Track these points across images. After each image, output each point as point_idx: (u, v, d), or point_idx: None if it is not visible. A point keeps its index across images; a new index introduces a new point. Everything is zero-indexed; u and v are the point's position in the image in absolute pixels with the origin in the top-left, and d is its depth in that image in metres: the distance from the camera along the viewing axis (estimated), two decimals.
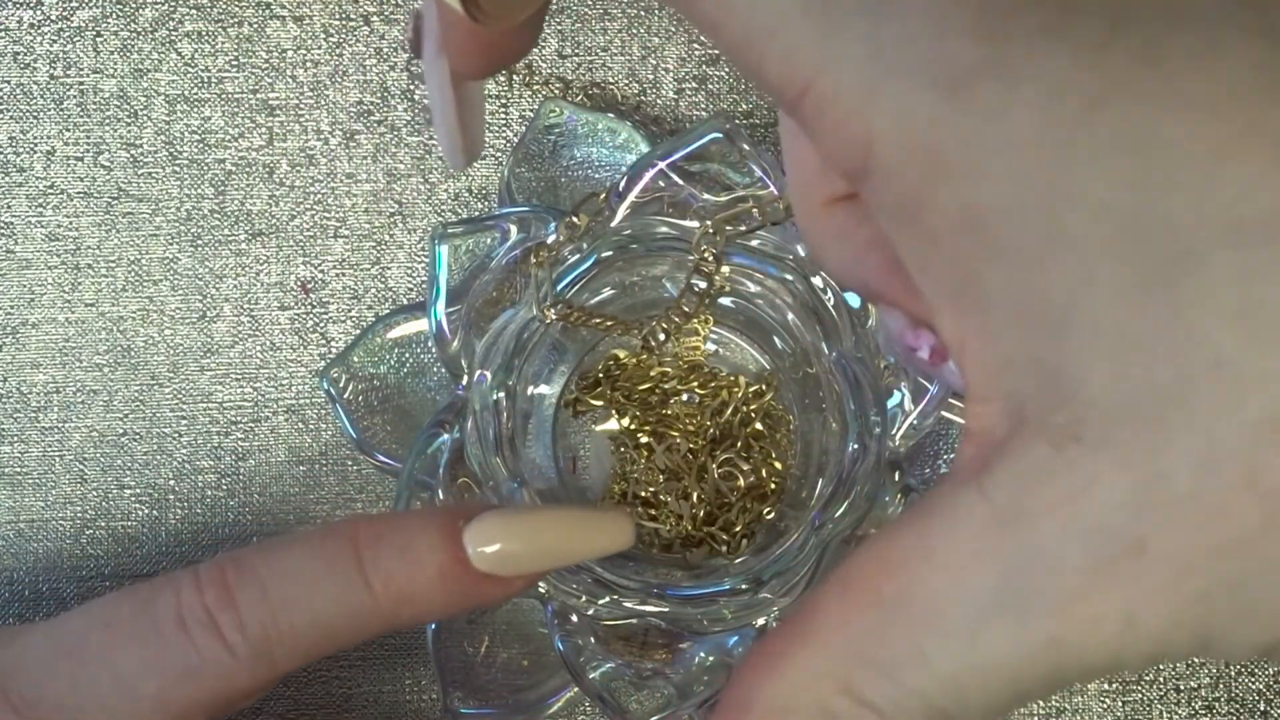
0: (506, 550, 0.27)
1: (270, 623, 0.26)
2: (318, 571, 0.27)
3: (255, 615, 0.26)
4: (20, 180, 0.41)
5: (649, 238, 0.36)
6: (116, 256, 0.40)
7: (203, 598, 0.27)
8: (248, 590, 0.27)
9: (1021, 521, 0.19)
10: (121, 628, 0.27)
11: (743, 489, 0.38)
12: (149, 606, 0.27)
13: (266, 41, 0.41)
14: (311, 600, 0.26)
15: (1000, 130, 0.19)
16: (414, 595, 0.27)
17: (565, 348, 0.38)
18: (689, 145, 0.35)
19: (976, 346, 0.20)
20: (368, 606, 0.27)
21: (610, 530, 0.28)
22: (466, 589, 0.27)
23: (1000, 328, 0.19)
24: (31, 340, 0.40)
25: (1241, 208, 0.18)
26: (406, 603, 0.27)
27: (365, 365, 0.38)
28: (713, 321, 0.39)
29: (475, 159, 0.29)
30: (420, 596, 0.27)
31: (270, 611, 0.26)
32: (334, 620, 0.27)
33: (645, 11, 0.41)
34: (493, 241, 0.36)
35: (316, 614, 0.27)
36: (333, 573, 0.27)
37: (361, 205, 0.41)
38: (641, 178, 0.35)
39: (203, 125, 0.41)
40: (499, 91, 0.41)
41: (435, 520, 0.27)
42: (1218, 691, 0.39)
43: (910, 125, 0.19)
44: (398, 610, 0.27)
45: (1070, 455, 0.19)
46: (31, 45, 0.41)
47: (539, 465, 0.38)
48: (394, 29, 0.41)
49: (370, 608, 0.27)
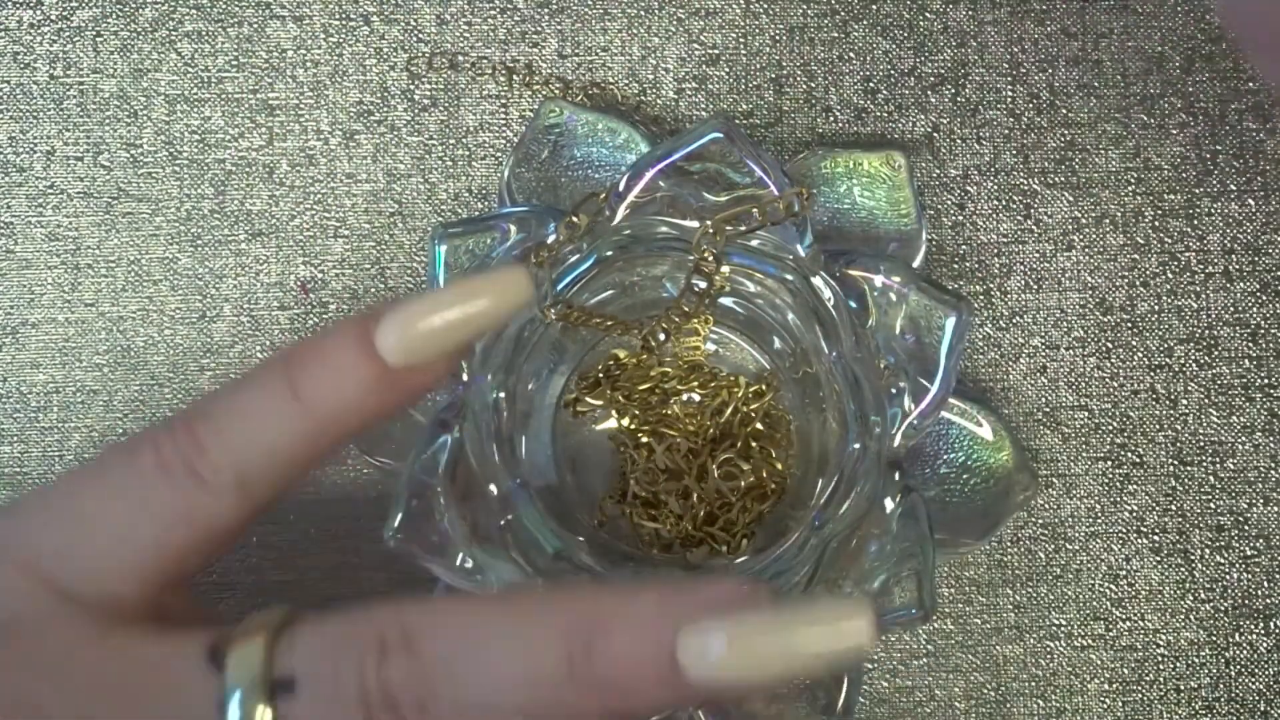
0: (413, 335, 0.27)
1: (236, 458, 0.27)
2: (260, 400, 0.28)
3: (223, 454, 0.27)
4: (20, 180, 0.41)
5: (649, 238, 0.36)
6: (116, 256, 0.40)
7: (178, 447, 0.28)
8: (211, 432, 0.28)
9: None
10: (110, 484, 0.28)
11: (743, 489, 0.38)
12: (132, 462, 0.28)
13: (266, 41, 0.41)
14: (260, 429, 0.27)
15: None
16: (344, 403, 0.27)
17: (565, 348, 0.38)
18: (689, 145, 0.35)
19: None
20: (307, 423, 0.27)
21: (507, 286, 0.28)
22: (390, 384, 0.28)
23: None
24: (31, 340, 0.40)
25: None
26: (340, 411, 0.28)
27: None
28: (713, 321, 0.39)
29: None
30: (350, 402, 0.28)
31: (232, 447, 0.27)
32: (282, 442, 0.28)
33: (645, 11, 0.41)
34: (492, 241, 0.36)
35: (268, 440, 0.27)
36: (271, 398, 0.28)
37: (361, 205, 0.41)
38: (641, 178, 0.35)
39: (203, 125, 0.41)
40: (499, 91, 0.41)
41: (348, 328, 0.28)
42: (1218, 691, 0.39)
43: None
44: (336, 420, 0.28)
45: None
46: (31, 45, 0.41)
47: (539, 465, 0.38)
48: (394, 29, 0.41)
49: (310, 423, 0.27)
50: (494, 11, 0.41)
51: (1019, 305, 0.40)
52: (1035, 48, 0.41)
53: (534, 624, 0.26)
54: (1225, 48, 0.41)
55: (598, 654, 0.25)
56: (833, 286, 0.35)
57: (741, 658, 0.24)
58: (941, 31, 0.41)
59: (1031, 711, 0.39)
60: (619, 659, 0.25)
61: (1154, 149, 0.41)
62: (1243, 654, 0.39)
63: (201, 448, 0.28)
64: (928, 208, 0.40)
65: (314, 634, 0.27)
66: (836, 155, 0.39)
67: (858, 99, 0.41)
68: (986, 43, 0.41)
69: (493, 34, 0.41)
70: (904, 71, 0.41)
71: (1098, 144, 0.41)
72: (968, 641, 0.40)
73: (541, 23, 0.41)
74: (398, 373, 0.28)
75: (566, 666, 0.25)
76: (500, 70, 0.41)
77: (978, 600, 0.40)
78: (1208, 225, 0.41)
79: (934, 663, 0.40)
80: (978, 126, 0.41)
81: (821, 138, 0.41)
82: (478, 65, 0.41)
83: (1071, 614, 0.40)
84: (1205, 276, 0.40)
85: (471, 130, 0.41)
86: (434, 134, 0.41)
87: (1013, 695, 0.39)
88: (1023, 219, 0.41)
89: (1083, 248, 0.41)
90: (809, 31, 0.41)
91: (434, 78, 0.41)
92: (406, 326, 0.27)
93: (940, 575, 0.40)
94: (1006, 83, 0.41)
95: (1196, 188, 0.41)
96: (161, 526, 0.28)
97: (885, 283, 0.36)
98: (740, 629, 0.24)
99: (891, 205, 0.38)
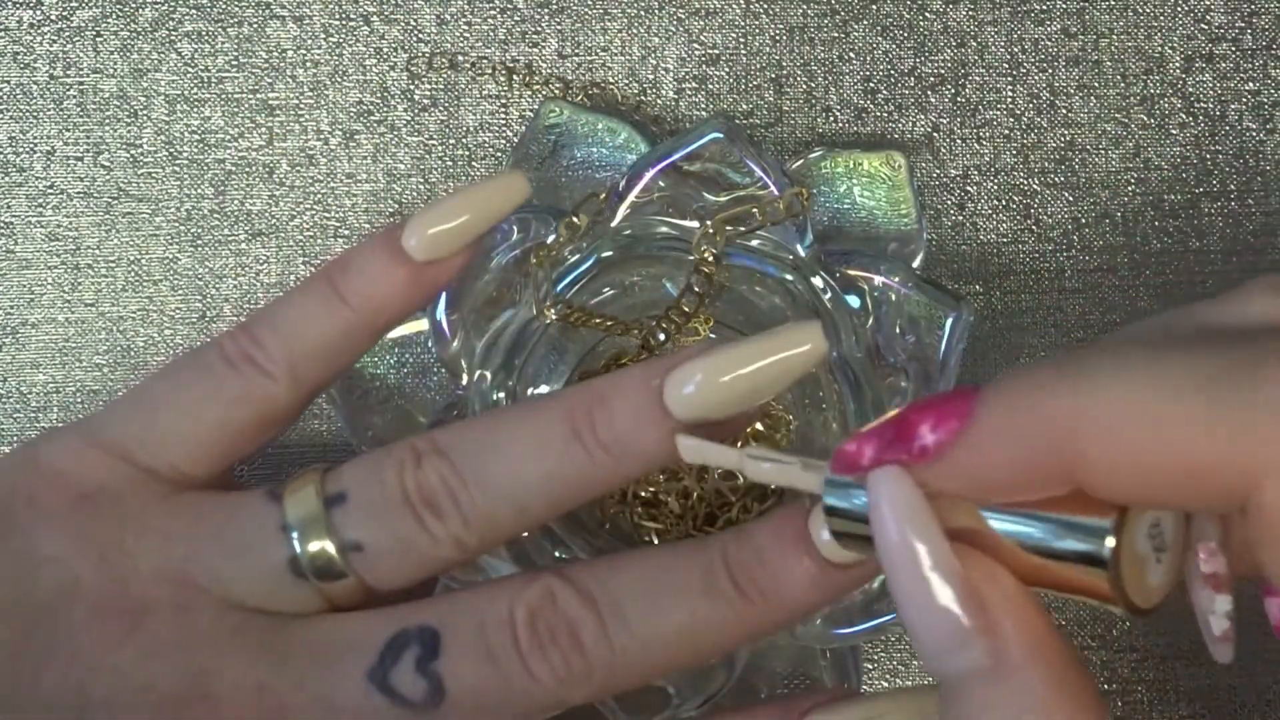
0: (433, 234, 0.32)
1: (290, 350, 0.32)
2: (309, 303, 0.32)
3: (278, 347, 0.32)
4: (20, 180, 0.41)
5: (649, 238, 0.36)
6: (116, 256, 0.40)
7: (238, 344, 0.32)
8: (267, 331, 0.32)
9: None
10: (180, 377, 0.33)
11: (742, 489, 0.38)
12: (199, 360, 0.32)
13: (266, 41, 0.41)
14: (310, 326, 0.32)
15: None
16: (382, 298, 0.32)
17: (565, 348, 0.38)
18: (689, 145, 0.35)
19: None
20: (351, 318, 0.32)
21: (506, 186, 0.33)
22: (419, 278, 0.32)
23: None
24: (31, 340, 0.40)
25: None
26: (379, 306, 0.32)
27: (365, 365, 0.38)
28: (713, 321, 0.39)
29: None
30: (386, 298, 0.32)
31: (286, 341, 0.32)
32: (329, 336, 0.32)
33: (645, 11, 0.41)
34: (492, 242, 0.36)
35: (316, 335, 0.32)
36: (319, 300, 0.32)
37: (361, 205, 0.41)
38: (641, 178, 0.35)
39: (203, 125, 0.41)
40: (499, 92, 0.41)
41: (380, 238, 0.33)
42: (1218, 691, 0.39)
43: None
44: (376, 314, 0.32)
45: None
46: (31, 45, 0.41)
47: None
48: (394, 29, 0.41)
49: (353, 318, 0.32)
50: (494, 11, 0.41)
51: (1019, 305, 0.40)
52: (1035, 48, 0.41)
53: (541, 413, 0.30)
54: (1225, 48, 0.41)
55: (599, 421, 0.30)
56: (833, 286, 0.35)
57: (716, 384, 0.29)
58: (941, 31, 0.41)
59: None
60: (617, 418, 0.29)
61: (1154, 149, 0.41)
62: (1243, 655, 0.39)
63: (259, 343, 0.32)
64: (928, 208, 0.40)
65: (357, 461, 0.31)
66: (836, 155, 0.39)
67: (858, 99, 0.41)
68: (986, 43, 0.41)
69: (493, 34, 0.41)
70: (904, 71, 0.41)
71: (1098, 144, 0.41)
72: None
73: (541, 23, 0.41)
74: (424, 268, 0.32)
75: (574, 437, 0.30)
76: (500, 70, 0.41)
77: None
78: (1208, 225, 0.41)
79: None
80: (978, 126, 0.41)
81: (821, 138, 0.41)
82: (478, 65, 0.41)
83: (1071, 614, 0.40)
84: (1205, 276, 0.40)
85: (471, 130, 0.41)
86: (434, 134, 0.41)
87: None
88: (1023, 219, 0.41)
89: (1082, 248, 0.41)
90: (809, 31, 0.41)
91: (434, 78, 0.41)
92: (427, 228, 0.32)
93: None
94: (1006, 83, 0.41)
95: (1196, 188, 0.41)
96: (224, 407, 0.32)
97: (885, 283, 0.36)
98: (710, 361, 0.29)
99: (891, 205, 0.38)
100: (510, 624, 0.29)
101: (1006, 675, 0.23)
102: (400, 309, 0.33)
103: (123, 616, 0.30)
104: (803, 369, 0.29)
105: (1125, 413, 0.22)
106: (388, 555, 0.30)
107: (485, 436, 0.30)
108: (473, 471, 0.30)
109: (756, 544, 0.29)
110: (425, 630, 0.30)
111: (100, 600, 0.30)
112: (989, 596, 0.24)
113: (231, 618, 0.31)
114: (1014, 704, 0.23)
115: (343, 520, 0.30)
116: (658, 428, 0.29)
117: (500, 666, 0.29)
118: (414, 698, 0.30)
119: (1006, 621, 0.24)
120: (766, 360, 0.29)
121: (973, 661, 0.23)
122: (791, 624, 0.32)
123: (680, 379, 0.29)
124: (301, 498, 0.31)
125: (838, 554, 0.29)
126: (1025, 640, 0.24)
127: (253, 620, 0.31)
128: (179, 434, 0.32)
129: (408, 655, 0.30)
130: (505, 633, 0.29)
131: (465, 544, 0.30)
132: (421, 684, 0.29)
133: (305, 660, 0.30)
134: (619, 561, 0.31)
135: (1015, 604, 0.24)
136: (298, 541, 0.30)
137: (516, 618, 0.29)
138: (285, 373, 0.32)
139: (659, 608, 0.29)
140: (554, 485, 0.30)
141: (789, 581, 0.29)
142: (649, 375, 0.30)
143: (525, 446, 0.30)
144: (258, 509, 0.31)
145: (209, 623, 0.30)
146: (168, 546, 0.31)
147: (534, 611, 0.29)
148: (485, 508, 0.30)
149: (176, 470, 0.32)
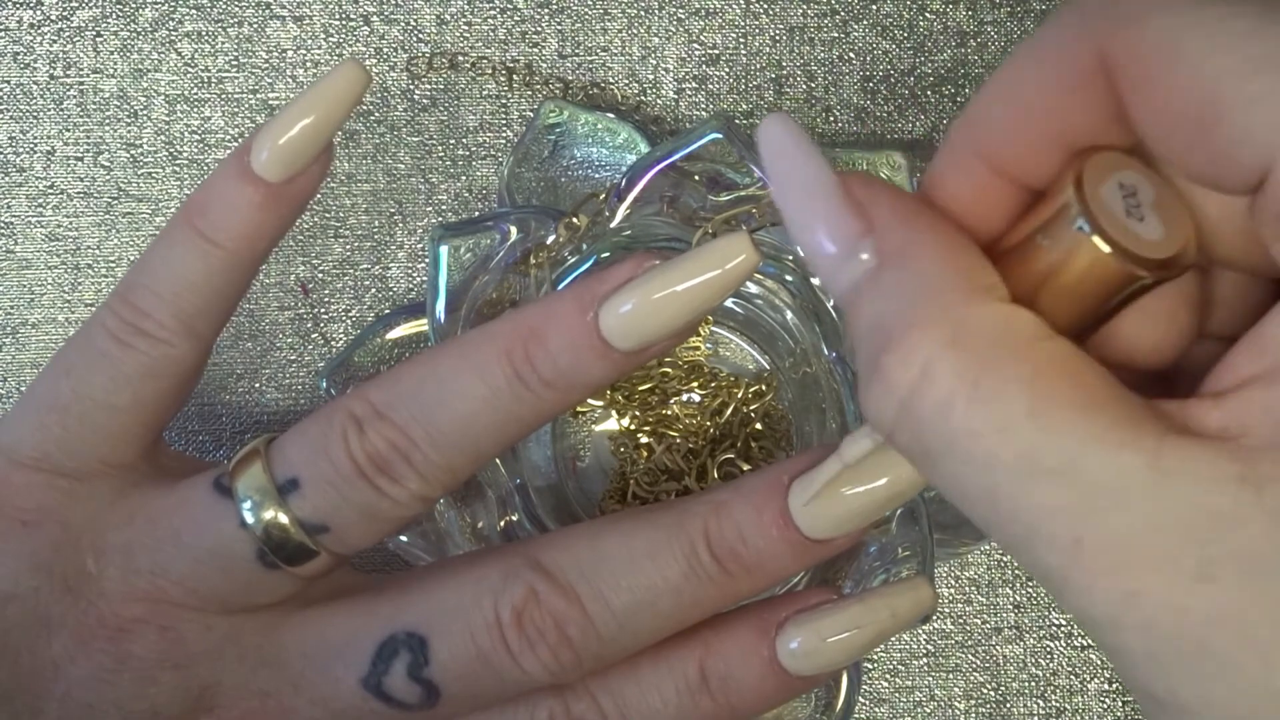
0: (281, 148, 0.30)
1: (175, 308, 0.31)
2: (176, 253, 0.31)
3: (164, 311, 0.31)
4: (20, 180, 0.41)
5: (649, 238, 0.36)
6: (116, 256, 0.40)
7: (122, 318, 0.31)
8: (145, 296, 0.31)
9: None
10: (78, 369, 0.31)
11: None
12: (88, 344, 0.31)
13: (266, 41, 0.41)
14: (186, 276, 0.31)
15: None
16: (246, 227, 0.31)
17: None
18: (689, 145, 0.35)
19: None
20: (225, 258, 0.31)
21: (343, 79, 0.30)
22: (278, 198, 0.31)
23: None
24: (31, 340, 0.40)
25: None
26: (246, 236, 0.31)
27: (365, 365, 0.38)
28: (713, 321, 0.39)
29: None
30: (250, 226, 0.31)
31: (167, 300, 0.31)
32: (208, 280, 0.31)
33: (645, 11, 0.41)
34: (492, 242, 0.36)
35: (195, 283, 0.31)
36: (185, 248, 0.31)
37: (361, 205, 0.41)
38: (641, 178, 0.35)
39: (203, 125, 0.41)
40: (499, 92, 0.41)
41: (227, 163, 0.31)
42: None
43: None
44: (246, 244, 0.31)
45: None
46: (31, 45, 0.41)
47: (539, 465, 0.38)
48: (394, 29, 0.41)
49: (226, 256, 0.31)
50: (494, 11, 0.41)
51: None
52: None
53: (476, 355, 0.29)
54: None
55: (539, 360, 0.29)
56: None
57: (651, 307, 0.28)
58: (941, 31, 0.41)
59: (1031, 711, 0.39)
60: (558, 355, 0.29)
61: None
62: None
63: (144, 312, 0.31)
64: None
65: (297, 439, 0.30)
66: (836, 155, 0.39)
67: (858, 99, 0.41)
68: (986, 43, 0.41)
69: (493, 34, 0.41)
70: (904, 71, 0.41)
71: None
72: (968, 641, 0.40)
73: (541, 23, 0.41)
74: (281, 186, 0.31)
75: (516, 379, 0.29)
76: (500, 70, 0.41)
77: (977, 600, 0.40)
78: None
79: (934, 663, 0.40)
80: None
81: (821, 138, 0.41)
82: (478, 65, 0.41)
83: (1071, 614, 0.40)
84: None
85: (471, 130, 0.41)
86: (434, 134, 0.41)
87: (1012, 695, 0.39)
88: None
89: None
90: (809, 31, 0.41)
91: (434, 78, 0.41)
92: (273, 142, 0.30)
93: (940, 575, 0.40)
94: None
95: None
96: (133, 388, 0.31)
97: None
98: (641, 287, 0.28)
99: None
100: (497, 626, 0.29)
101: (890, 266, 0.22)
102: (272, 233, 0.31)
103: (106, 645, 0.30)
104: (737, 282, 0.28)
105: (1166, 48, 0.21)
106: (354, 527, 0.30)
107: (425, 389, 0.29)
108: (421, 429, 0.29)
109: (736, 520, 0.29)
110: (413, 637, 0.30)
111: (80, 632, 0.30)
112: (867, 199, 0.23)
113: (219, 626, 0.30)
114: (899, 293, 0.22)
115: (301, 506, 0.29)
116: (600, 358, 0.29)
117: (492, 666, 0.29)
118: (410, 701, 0.30)
119: (885, 216, 0.23)
120: (700, 278, 0.28)
121: (863, 265, 0.23)
122: (771, 590, 0.32)
123: (615, 306, 0.28)
124: (253, 487, 0.30)
125: (817, 529, 0.29)
126: (906, 230, 0.23)
127: (240, 625, 0.30)
128: (97, 429, 0.31)
129: (398, 664, 0.30)
130: (493, 635, 0.29)
131: (428, 497, 0.30)
132: (416, 689, 0.30)
133: (300, 665, 0.30)
134: (598, 542, 0.30)
135: (893, 201, 0.23)
136: (262, 536, 0.30)
137: (503, 619, 0.29)
138: (182, 334, 0.31)
139: (643, 593, 0.29)
140: (504, 425, 0.29)
141: (772, 554, 0.29)
142: (583, 306, 0.29)
143: (468, 396, 0.29)
144: (211, 505, 0.30)
145: (196, 636, 0.30)
146: (131, 561, 0.30)
147: (519, 612, 0.29)
148: (441, 461, 0.29)
149: (107, 464, 0.31)
